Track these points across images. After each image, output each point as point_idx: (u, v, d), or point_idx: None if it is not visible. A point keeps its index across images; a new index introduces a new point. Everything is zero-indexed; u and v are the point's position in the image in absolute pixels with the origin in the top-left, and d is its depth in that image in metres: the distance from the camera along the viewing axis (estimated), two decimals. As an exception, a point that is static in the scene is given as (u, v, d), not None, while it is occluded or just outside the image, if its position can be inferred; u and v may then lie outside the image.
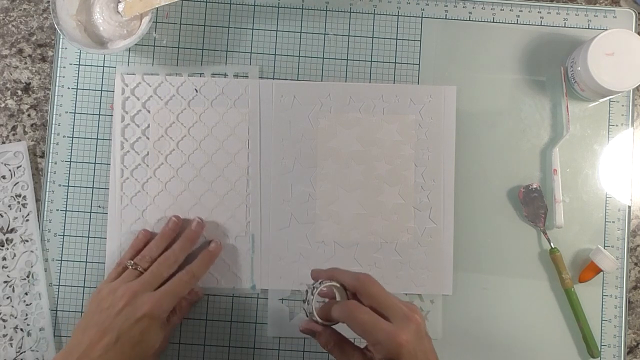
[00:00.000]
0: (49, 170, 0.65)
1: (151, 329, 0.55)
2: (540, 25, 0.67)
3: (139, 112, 0.65)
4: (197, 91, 0.65)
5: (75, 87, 0.66)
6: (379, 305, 0.50)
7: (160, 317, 0.56)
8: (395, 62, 0.67)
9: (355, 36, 0.67)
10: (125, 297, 0.55)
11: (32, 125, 0.66)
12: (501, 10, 0.67)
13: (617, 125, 0.67)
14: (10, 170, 0.65)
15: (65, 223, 0.65)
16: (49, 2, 0.65)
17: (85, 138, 0.66)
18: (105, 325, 0.54)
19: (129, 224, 0.64)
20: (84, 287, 0.65)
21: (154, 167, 0.65)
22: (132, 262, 0.59)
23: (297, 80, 0.66)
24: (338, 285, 0.53)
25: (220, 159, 0.65)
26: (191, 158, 0.65)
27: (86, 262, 0.65)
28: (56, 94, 0.66)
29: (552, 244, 0.64)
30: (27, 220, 0.65)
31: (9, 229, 0.65)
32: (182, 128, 0.65)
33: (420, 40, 0.67)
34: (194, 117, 0.65)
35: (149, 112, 0.65)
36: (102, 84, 0.66)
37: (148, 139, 0.65)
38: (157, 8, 0.63)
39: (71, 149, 0.65)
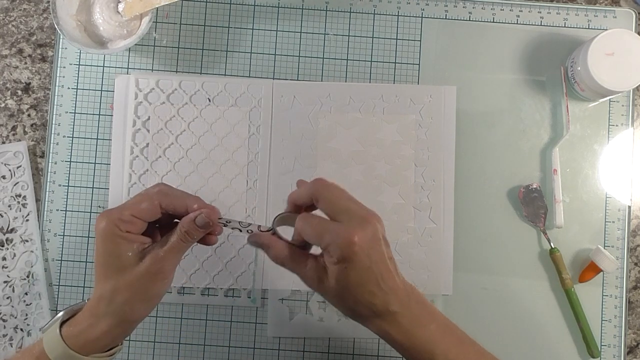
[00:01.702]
0: (49, 170, 0.65)
1: (109, 244, 0.48)
2: (540, 25, 0.67)
3: (149, 118, 0.65)
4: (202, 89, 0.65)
5: (75, 87, 0.66)
6: (334, 210, 0.47)
7: (115, 229, 0.47)
8: (395, 62, 0.67)
9: (355, 36, 0.67)
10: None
11: (32, 125, 0.66)
12: (501, 10, 0.67)
13: (617, 125, 0.67)
14: (10, 170, 0.65)
15: (65, 223, 0.65)
16: (49, 2, 0.65)
17: (85, 138, 0.66)
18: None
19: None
20: (84, 287, 0.65)
21: (151, 159, 0.65)
22: None
23: (297, 80, 0.67)
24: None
25: (218, 155, 0.65)
26: (189, 153, 0.65)
27: (86, 262, 0.65)
28: (56, 94, 0.66)
29: (552, 244, 0.64)
30: (27, 220, 0.65)
31: (9, 229, 0.65)
32: (182, 122, 0.65)
33: (420, 40, 0.67)
34: (195, 113, 0.65)
35: (150, 103, 0.65)
36: (102, 84, 0.66)
37: (148, 131, 0.65)
38: (157, 8, 0.63)
39: (71, 149, 0.65)
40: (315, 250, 0.49)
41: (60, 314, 0.49)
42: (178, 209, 0.50)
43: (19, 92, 0.67)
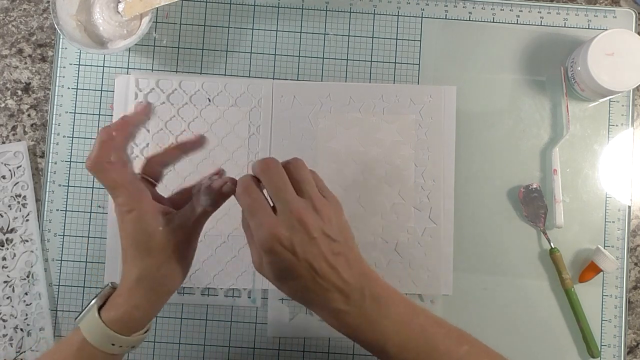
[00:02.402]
0: (49, 170, 0.65)
1: (145, 226, 0.47)
2: (540, 25, 0.67)
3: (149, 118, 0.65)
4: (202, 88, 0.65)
5: (75, 87, 0.66)
6: (272, 197, 0.45)
7: (149, 209, 0.48)
8: (395, 62, 0.67)
9: (355, 36, 0.67)
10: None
11: (32, 125, 0.66)
12: (501, 10, 0.67)
13: (617, 125, 0.67)
14: (10, 170, 0.65)
15: (65, 223, 0.65)
16: (49, 2, 0.65)
17: (85, 138, 0.66)
18: None
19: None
20: (84, 287, 0.65)
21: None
22: None
23: (297, 80, 0.67)
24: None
25: (218, 155, 0.65)
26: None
27: (86, 262, 0.65)
28: (56, 94, 0.66)
29: (552, 244, 0.64)
30: (27, 220, 0.65)
31: (9, 229, 0.65)
32: (182, 122, 0.65)
33: (420, 40, 0.67)
34: (195, 113, 0.65)
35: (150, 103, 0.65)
36: (102, 84, 0.66)
37: (148, 131, 0.65)
38: (157, 8, 0.63)
39: (71, 149, 0.65)
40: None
41: (94, 301, 0.49)
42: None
43: (19, 92, 0.67)
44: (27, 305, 0.64)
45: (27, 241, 0.64)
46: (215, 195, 0.49)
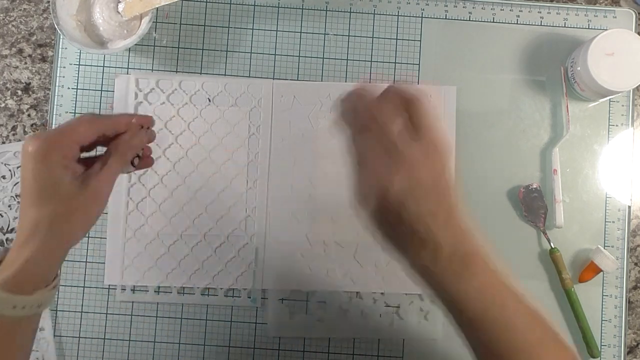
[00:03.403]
0: (49, 170, 0.65)
1: (43, 168, 0.46)
2: (540, 25, 0.67)
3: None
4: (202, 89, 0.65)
5: (75, 87, 0.66)
6: (414, 122, 0.44)
7: (49, 153, 0.46)
8: (395, 62, 0.67)
9: (355, 36, 0.67)
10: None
11: (32, 125, 0.66)
12: (501, 10, 0.67)
13: (617, 125, 0.67)
14: (10, 170, 0.65)
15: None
16: (49, 2, 0.65)
17: (85, 138, 0.65)
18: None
19: (134, 229, 0.64)
20: (83, 287, 0.65)
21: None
22: None
23: (297, 80, 0.67)
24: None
25: (218, 155, 0.65)
26: (189, 153, 0.65)
27: (86, 262, 0.65)
28: (56, 94, 0.66)
29: (552, 244, 0.64)
30: (27, 220, 0.64)
31: (9, 229, 0.65)
32: (182, 122, 0.65)
33: (420, 40, 0.67)
34: (195, 113, 0.65)
35: (150, 103, 0.65)
36: (102, 84, 0.66)
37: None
38: (157, 8, 0.63)
39: (71, 149, 0.65)
40: None
41: None
42: (110, 129, 0.50)
43: (19, 92, 0.67)
44: (27, 305, 0.64)
45: (27, 241, 0.64)
46: (124, 148, 0.49)
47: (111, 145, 0.50)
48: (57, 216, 0.46)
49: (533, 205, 0.65)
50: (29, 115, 0.66)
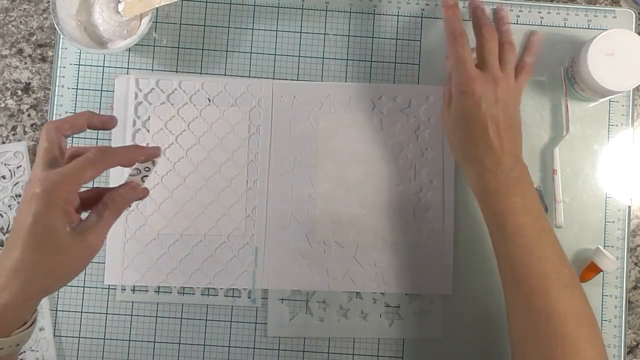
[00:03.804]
0: (49, 170, 0.65)
1: (46, 216, 0.44)
2: (540, 25, 0.67)
3: (149, 118, 0.65)
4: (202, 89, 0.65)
5: (75, 87, 0.66)
6: (481, 54, 0.60)
7: (53, 201, 0.44)
8: (395, 62, 0.67)
9: (355, 36, 0.67)
10: (27, 181, 0.46)
11: (32, 125, 0.66)
12: (501, 10, 0.67)
13: (617, 125, 0.67)
14: (10, 170, 0.65)
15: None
16: (49, 2, 0.65)
17: (85, 138, 0.65)
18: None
19: (134, 229, 0.64)
20: (83, 287, 0.65)
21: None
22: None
23: (297, 80, 0.67)
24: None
25: (218, 155, 0.65)
26: (189, 153, 0.65)
27: (86, 262, 0.65)
28: (56, 94, 0.66)
29: (552, 244, 0.64)
30: (27, 220, 0.64)
31: (9, 229, 0.65)
32: (182, 122, 0.65)
33: (420, 40, 0.67)
34: (195, 113, 0.65)
35: (150, 103, 0.65)
36: (102, 84, 0.66)
37: (148, 131, 0.65)
38: (157, 8, 0.63)
39: (71, 149, 0.65)
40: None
41: None
42: (115, 166, 0.49)
43: (19, 92, 0.67)
44: (27, 305, 0.64)
45: (27, 241, 0.64)
46: (121, 202, 0.49)
47: (107, 197, 0.48)
48: (44, 265, 0.44)
49: (533, 205, 0.65)
50: (29, 115, 0.66)
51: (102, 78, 0.66)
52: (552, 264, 0.53)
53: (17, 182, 0.65)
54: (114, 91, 0.66)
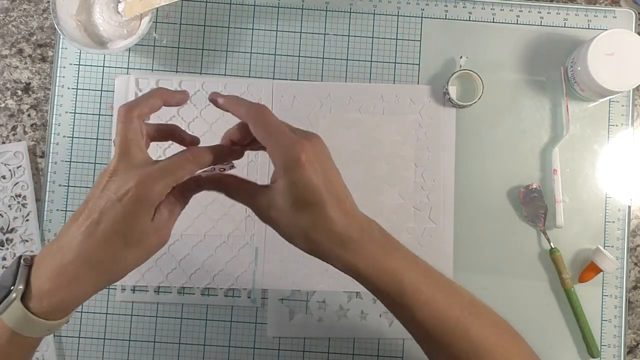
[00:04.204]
0: (49, 170, 0.65)
1: (137, 213, 0.43)
2: (540, 25, 0.67)
3: (148, 118, 0.65)
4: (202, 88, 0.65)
5: (75, 87, 0.66)
6: (268, 131, 0.45)
7: (148, 198, 0.43)
8: (395, 62, 0.67)
9: (355, 36, 0.67)
10: (108, 171, 0.44)
11: (32, 125, 0.66)
12: (501, 10, 0.67)
13: (617, 125, 0.67)
14: (10, 170, 0.65)
15: (65, 223, 0.65)
16: (49, 2, 0.65)
17: (85, 138, 0.66)
18: (90, 205, 0.44)
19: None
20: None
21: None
22: None
23: (297, 80, 0.67)
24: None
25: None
26: None
27: (86, 262, 0.65)
28: (56, 94, 0.66)
29: (552, 244, 0.64)
30: (27, 220, 0.65)
31: (9, 229, 0.65)
32: (182, 122, 0.65)
33: (420, 40, 0.67)
34: (195, 113, 0.65)
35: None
36: (102, 84, 0.66)
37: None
38: (157, 8, 0.63)
39: (71, 149, 0.65)
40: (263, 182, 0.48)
41: (14, 291, 0.42)
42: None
43: (19, 92, 0.67)
44: (27, 305, 0.64)
45: (27, 241, 0.64)
46: (189, 194, 0.48)
47: (177, 191, 0.46)
48: (123, 259, 0.44)
49: (533, 205, 0.65)
50: (29, 115, 0.66)
51: (102, 78, 0.66)
52: (457, 304, 0.48)
53: (17, 182, 0.65)
54: (114, 91, 0.66)
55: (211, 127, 0.65)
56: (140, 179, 0.43)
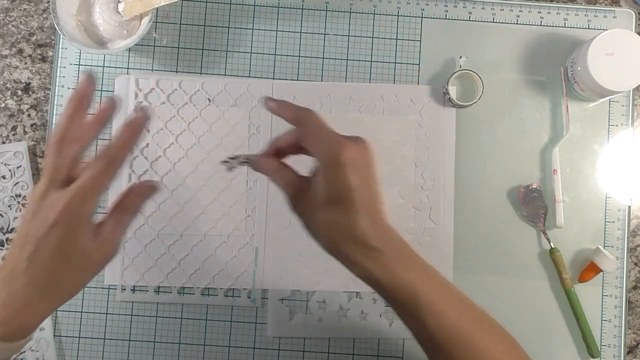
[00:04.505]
0: (49, 170, 0.65)
1: (72, 236, 0.43)
2: (540, 25, 0.67)
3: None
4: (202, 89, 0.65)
5: (75, 87, 0.66)
6: (319, 134, 0.46)
7: (80, 220, 0.43)
8: (395, 62, 0.67)
9: (355, 36, 0.67)
10: (36, 196, 0.44)
11: (32, 125, 0.66)
12: (501, 10, 0.67)
13: (617, 125, 0.67)
14: (10, 170, 0.65)
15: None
16: (49, 2, 0.65)
17: (85, 138, 0.65)
18: (25, 232, 0.44)
19: (134, 229, 0.64)
20: (83, 287, 0.64)
21: (151, 159, 0.65)
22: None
23: (297, 80, 0.67)
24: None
25: (218, 155, 0.65)
26: (189, 153, 0.65)
27: (86, 262, 0.65)
28: (56, 94, 0.66)
29: (552, 244, 0.64)
30: (27, 220, 0.64)
31: (9, 229, 0.65)
32: (182, 122, 0.65)
33: (420, 40, 0.67)
34: (195, 113, 0.65)
35: (150, 103, 0.65)
36: (102, 84, 0.66)
37: (148, 131, 0.65)
38: (157, 8, 0.63)
39: (71, 149, 0.65)
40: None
41: None
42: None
43: (19, 92, 0.67)
44: (27, 305, 0.64)
45: (27, 241, 0.64)
46: (137, 205, 0.47)
47: (123, 199, 0.47)
48: (72, 280, 0.45)
49: (533, 205, 0.65)
50: (29, 115, 0.66)
51: (102, 78, 0.66)
52: (468, 316, 0.48)
53: (17, 182, 0.65)
54: (113, 91, 0.66)
55: (211, 127, 0.65)
56: (67, 202, 0.43)
